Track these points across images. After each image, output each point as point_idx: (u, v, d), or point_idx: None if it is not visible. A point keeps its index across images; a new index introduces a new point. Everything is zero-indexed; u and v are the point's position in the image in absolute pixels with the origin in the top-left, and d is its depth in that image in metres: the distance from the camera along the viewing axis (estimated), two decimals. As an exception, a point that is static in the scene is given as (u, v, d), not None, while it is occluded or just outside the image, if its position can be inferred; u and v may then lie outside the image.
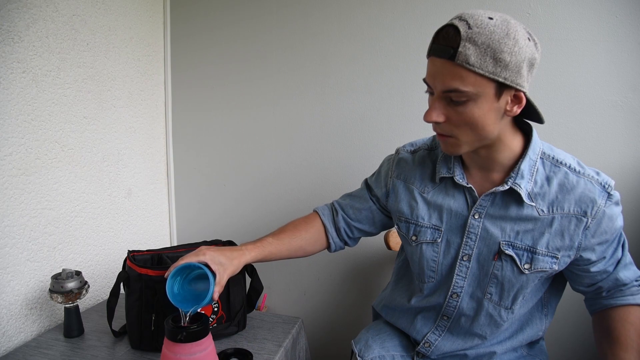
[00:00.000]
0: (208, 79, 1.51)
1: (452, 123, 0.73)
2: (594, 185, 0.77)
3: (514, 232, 0.80)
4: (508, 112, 0.72)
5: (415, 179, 0.91)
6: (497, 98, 0.69)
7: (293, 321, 1.08)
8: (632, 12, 1.07)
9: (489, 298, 0.84)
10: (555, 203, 0.78)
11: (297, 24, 1.38)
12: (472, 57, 0.65)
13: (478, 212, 0.82)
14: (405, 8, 1.26)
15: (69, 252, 1.17)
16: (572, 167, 0.79)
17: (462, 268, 0.85)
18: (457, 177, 0.83)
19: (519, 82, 0.68)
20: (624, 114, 1.11)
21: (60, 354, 0.94)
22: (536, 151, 0.79)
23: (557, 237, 0.78)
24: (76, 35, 1.17)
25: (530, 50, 0.68)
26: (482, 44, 0.65)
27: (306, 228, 0.99)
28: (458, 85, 0.68)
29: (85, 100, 1.21)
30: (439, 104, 0.72)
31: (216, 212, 1.58)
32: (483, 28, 0.65)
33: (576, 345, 1.21)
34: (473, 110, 0.70)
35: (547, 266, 0.79)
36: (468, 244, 0.84)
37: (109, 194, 1.31)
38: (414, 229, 0.90)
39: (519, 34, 0.66)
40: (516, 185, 0.77)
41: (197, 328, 0.73)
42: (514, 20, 0.68)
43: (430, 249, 0.88)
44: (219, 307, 0.97)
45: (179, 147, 1.59)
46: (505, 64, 0.66)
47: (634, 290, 0.82)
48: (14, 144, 1.01)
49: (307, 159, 1.43)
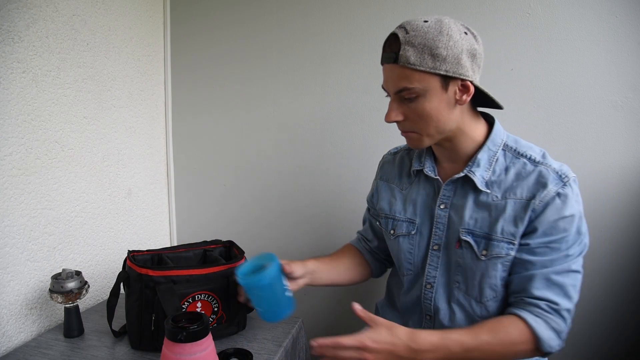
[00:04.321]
0: (208, 79, 1.51)
1: (410, 119, 0.80)
2: (549, 172, 0.79)
3: (472, 220, 0.83)
4: (459, 101, 0.78)
5: (395, 177, 0.99)
6: (445, 90, 0.76)
7: (293, 321, 1.08)
8: (632, 12, 1.07)
9: (457, 287, 0.86)
10: (509, 190, 0.81)
11: (297, 24, 1.38)
12: (411, 57, 0.73)
13: (444, 203, 0.87)
14: (405, 8, 1.26)
15: (69, 252, 1.17)
16: (532, 158, 0.82)
17: (434, 258, 0.89)
18: (427, 169, 0.90)
19: (461, 72, 0.74)
20: (624, 114, 1.11)
21: (60, 354, 0.94)
22: (497, 142, 0.84)
23: (510, 222, 0.79)
24: (76, 35, 1.17)
25: (468, 43, 0.74)
26: (419, 44, 0.73)
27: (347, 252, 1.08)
28: (405, 84, 0.76)
29: (85, 100, 1.21)
30: (395, 104, 0.80)
31: (216, 212, 1.58)
32: (418, 31, 0.74)
33: (576, 346, 1.21)
34: (424, 104, 0.77)
35: (503, 252, 0.80)
36: (437, 233, 0.88)
37: (109, 194, 1.31)
38: (392, 223, 0.96)
39: (452, 30, 0.73)
40: (471, 172, 0.82)
41: (197, 328, 0.73)
42: (449, 19, 0.76)
43: (407, 241, 0.93)
44: (219, 307, 0.97)
45: (179, 147, 1.59)
46: (442, 57, 0.73)
47: (535, 310, 0.76)
48: (14, 144, 1.01)
49: (307, 158, 1.43)
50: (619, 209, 1.14)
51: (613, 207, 1.14)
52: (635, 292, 1.16)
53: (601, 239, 1.16)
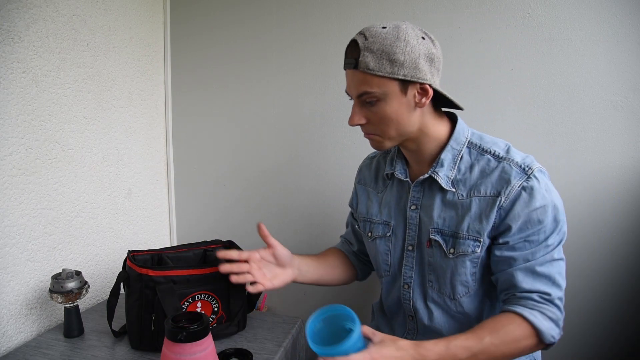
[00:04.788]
0: (208, 79, 1.51)
1: (372, 122, 0.82)
2: (512, 167, 0.79)
3: (441, 219, 0.85)
4: (418, 104, 0.79)
5: (372, 180, 1.02)
6: (404, 93, 0.78)
7: (293, 321, 1.08)
8: (632, 12, 1.07)
9: (430, 285, 0.88)
10: (474, 187, 0.82)
11: (296, 24, 1.38)
12: (370, 63, 0.75)
13: (414, 204, 0.90)
14: (405, 8, 1.26)
15: (69, 252, 1.17)
16: (496, 153, 0.83)
17: (409, 258, 0.92)
18: (397, 172, 0.92)
19: (419, 76, 0.76)
20: (624, 114, 1.11)
21: (60, 354, 0.94)
22: (460, 141, 0.85)
23: (476, 220, 0.81)
24: (76, 35, 1.17)
25: (425, 47, 0.76)
26: (377, 50, 0.75)
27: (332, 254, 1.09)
28: (366, 88, 0.78)
29: (85, 100, 1.21)
30: (358, 108, 0.82)
31: (216, 212, 1.58)
32: (376, 37, 0.75)
33: (576, 346, 1.21)
34: (385, 108, 0.79)
35: (469, 249, 0.81)
36: (410, 234, 0.91)
37: (109, 194, 1.31)
38: (369, 226, 0.99)
39: (409, 36, 0.75)
40: (435, 173, 0.84)
41: (197, 328, 0.73)
42: (407, 24, 0.77)
43: (383, 243, 0.95)
44: (219, 307, 0.97)
45: (179, 147, 1.59)
46: (400, 63, 0.74)
47: (529, 303, 0.76)
48: (14, 144, 1.01)
49: (308, 159, 1.43)
50: (619, 209, 1.14)
51: (613, 207, 1.14)
52: (635, 292, 1.16)
53: (601, 239, 1.16)
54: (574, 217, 1.17)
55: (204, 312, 0.91)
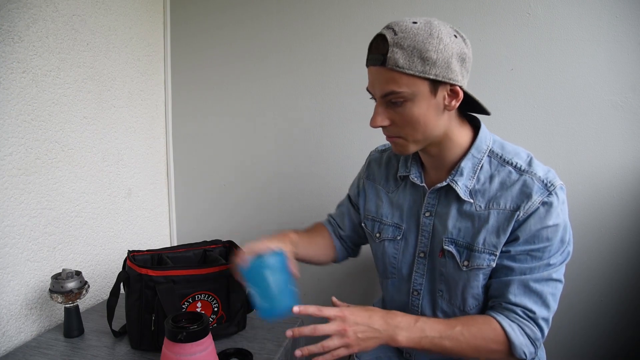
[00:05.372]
0: (208, 79, 1.51)
1: (397, 124, 0.77)
2: (534, 181, 0.76)
3: (456, 229, 0.81)
4: (447, 107, 0.75)
5: (382, 178, 0.96)
6: (434, 95, 0.73)
7: (293, 321, 1.08)
8: (632, 12, 1.07)
9: (440, 295, 0.86)
10: (493, 199, 0.78)
11: (297, 24, 1.38)
12: (400, 60, 0.70)
13: (429, 211, 0.86)
14: (405, 8, 1.26)
15: (69, 252, 1.17)
16: (517, 165, 0.79)
17: (420, 265, 0.88)
18: (412, 176, 0.88)
19: (451, 77, 0.71)
20: (624, 114, 1.11)
21: (60, 354, 0.94)
22: (482, 149, 0.81)
23: (493, 233, 0.77)
24: (76, 35, 1.17)
25: (458, 46, 0.72)
26: (408, 47, 0.69)
27: (318, 231, 1.06)
28: (393, 87, 0.72)
29: (85, 100, 1.21)
30: (382, 108, 0.76)
31: (216, 212, 1.58)
32: (407, 32, 0.70)
33: (576, 346, 1.21)
34: (412, 109, 0.73)
35: (485, 263, 0.78)
36: (422, 241, 0.87)
37: (109, 194, 1.31)
38: (378, 227, 0.94)
39: (442, 33, 0.70)
40: (454, 182, 0.80)
41: (197, 328, 0.73)
42: (439, 21, 0.72)
43: (392, 246, 0.92)
44: (219, 307, 0.97)
45: (179, 147, 1.59)
46: (432, 61, 0.69)
47: (511, 315, 0.75)
48: (14, 144, 1.01)
49: (308, 159, 1.43)
50: (619, 209, 1.14)
51: (613, 207, 1.14)
52: (635, 292, 1.16)
53: (601, 239, 1.16)
54: (574, 217, 1.17)
55: (204, 312, 0.91)
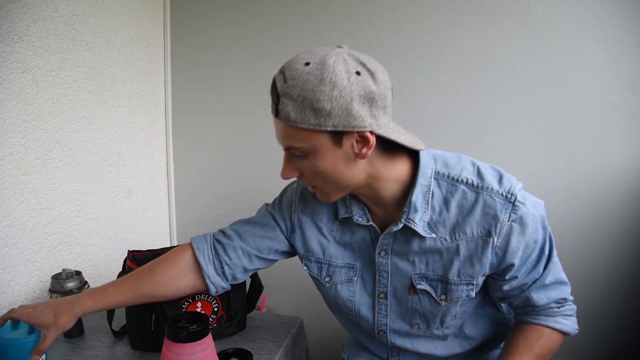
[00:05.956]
0: (208, 79, 1.51)
1: (308, 176, 0.70)
2: (494, 198, 0.69)
3: (423, 264, 0.75)
4: (359, 155, 0.65)
5: (323, 214, 0.83)
6: (338, 145, 0.64)
7: (293, 321, 1.08)
8: (632, 12, 1.07)
9: (417, 327, 0.81)
10: (456, 228, 0.71)
11: (297, 24, 1.38)
12: (291, 113, 0.61)
13: (384, 250, 0.77)
14: (405, 8, 1.26)
15: (69, 252, 1.17)
16: (469, 182, 0.71)
17: (381, 306, 0.81)
18: (356, 217, 0.77)
19: (354, 124, 0.61)
20: (624, 114, 1.11)
21: (60, 354, 0.94)
22: (427, 175, 0.71)
23: (467, 263, 0.72)
24: (76, 35, 1.17)
25: (360, 86, 0.61)
26: (298, 97, 0.60)
27: (167, 266, 0.83)
28: (290, 142, 0.65)
29: (85, 100, 1.21)
30: (288, 160, 0.69)
31: (216, 212, 1.58)
32: (297, 79, 0.61)
33: (576, 346, 1.21)
34: (317, 163, 0.66)
35: (463, 295, 0.74)
36: (381, 281, 0.80)
37: (109, 194, 1.31)
38: (327, 269, 0.83)
39: (337, 75, 0.60)
40: (409, 221, 0.71)
41: (197, 328, 0.73)
42: (337, 56, 0.62)
43: (346, 289, 0.83)
44: (219, 307, 0.97)
45: (179, 147, 1.59)
46: (327, 112, 0.60)
47: (549, 312, 0.76)
48: (14, 144, 1.01)
49: (307, 159, 1.43)
50: (619, 209, 1.14)
51: (613, 207, 1.14)
52: (635, 292, 1.16)
53: (601, 239, 1.16)
54: (574, 217, 1.18)
55: (204, 312, 0.90)
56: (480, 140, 1.23)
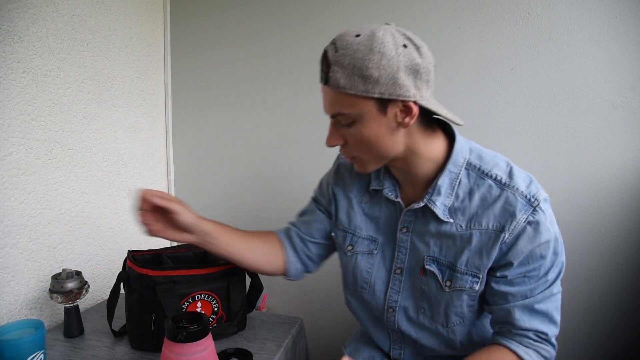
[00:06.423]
0: (208, 79, 1.51)
1: (351, 144, 0.73)
2: (517, 198, 0.71)
3: (437, 247, 0.77)
4: (402, 125, 0.69)
5: (354, 187, 0.89)
6: (383, 113, 0.68)
7: (293, 321, 1.08)
8: (632, 12, 1.08)
9: (422, 312, 0.82)
10: (474, 218, 0.73)
11: (297, 24, 1.38)
12: (341, 80, 0.66)
13: (405, 227, 0.81)
14: (405, 8, 1.26)
15: (69, 252, 1.17)
16: (498, 178, 0.73)
17: (396, 282, 0.84)
18: (386, 191, 0.82)
19: (400, 93, 0.65)
20: (624, 114, 1.11)
21: (60, 354, 0.94)
22: (459, 163, 0.75)
23: (476, 255, 0.73)
24: (76, 35, 1.17)
25: (407, 58, 0.65)
26: (348, 65, 0.65)
27: (264, 238, 0.94)
28: (338, 108, 0.69)
29: (85, 100, 1.21)
30: (334, 128, 0.74)
31: (216, 212, 1.58)
32: (347, 48, 0.65)
33: (576, 346, 1.21)
34: (362, 130, 0.69)
35: (467, 285, 0.75)
36: (399, 257, 0.83)
37: (109, 194, 1.31)
38: (351, 239, 0.88)
39: (385, 46, 0.64)
40: (431, 202, 0.75)
41: (197, 328, 0.73)
42: (385, 30, 0.66)
43: (366, 260, 0.86)
44: (219, 307, 0.97)
45: (179, 147, 1.59)
46: (375, 79, 0.64)
47: (525, 340, 0.73)
48: (14, 144, 1.01)
49: (308, 159, 1.43)
50: (619, 209, 1.14)
51: (613, 207, 1.14)
52: (635, 292, 1.16)
53: (601, 239, 1.16)
54: (574, 217, 1.18)
55: (204, 312, 0.91)
56: (480, 140, 1.22)
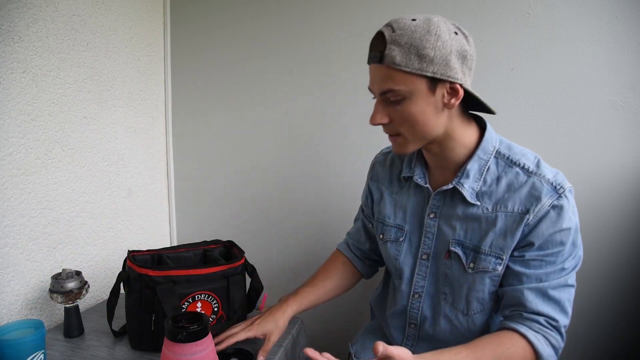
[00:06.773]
0: (208, 79, 1.51)
1: (396, 122, 0.76)
2: (543, 184, 0.75)
3: (463, 231, 0.81)
4: (447, 105, 0.74)
5: (386, 179, 0.96)
6: (432, 92, 0.72)
7: (293, 321, 1.08)
8: (632, 12, 1.08)
9: (444, 298, 0.84)
10: (500, 202, 0.77)
11: (297, 24, 1.38)
12: (397, 57, 0.70)
13: (433, 212, 0.85)
14: (405, 8, 1.26)
15: (69, 252, 1.17)
16: (525, 167, 0.78)
17: (422, 267, 0.87)
18: (416, 177, 0.87)
19: (450, 74, 0.70)
20: (624, 114, 1.11)
21: (60, 354, 0.94)
22: (488, 150, 0.79)
23: (500, 236, 0.77)
24: (76, 35, 1.17)
25: (458, 43, 0.70)
26: (405, 44, 0.69)
27: (335, 266, 1.05)
28: (390, 85, 0.72)
29: (85, 100, 1.21)
30: (380, 106, 0.76)
31: (216, 212, 1.58)
32: (405, 30, 0.70)
33: (576, 346, 1.21)
34: (410, 107, 0.73)
35: (490, 266, 0.78)
36: (426, 243, 0.86)
37: (109, 194, 1.31)
38: (381, 228, 0.94)
39: (441, 30, 0.70)
40: (460, 185, 0.79)
41: (197, 328, 0.73)
42: (440, 18, 0.72)
43: (394, 247, 0.91)
44: (219, 307, 0.97)
45: (179, 147, 1.59)
46: (430, 58, 0.69)
47: (534, 325, 0.74)
48: (14, 144, 1.01)
49: (308, 159, 1.43)
50: (619, 209, 1.14)
51: (613, 207, 1.14)
52: (635, 292, 1.16)
53: (601, 239, 1.16)
54: (574, 217, 1.17)
55: (204, 312, 0.91)
56: (480, 140, 1.23)
